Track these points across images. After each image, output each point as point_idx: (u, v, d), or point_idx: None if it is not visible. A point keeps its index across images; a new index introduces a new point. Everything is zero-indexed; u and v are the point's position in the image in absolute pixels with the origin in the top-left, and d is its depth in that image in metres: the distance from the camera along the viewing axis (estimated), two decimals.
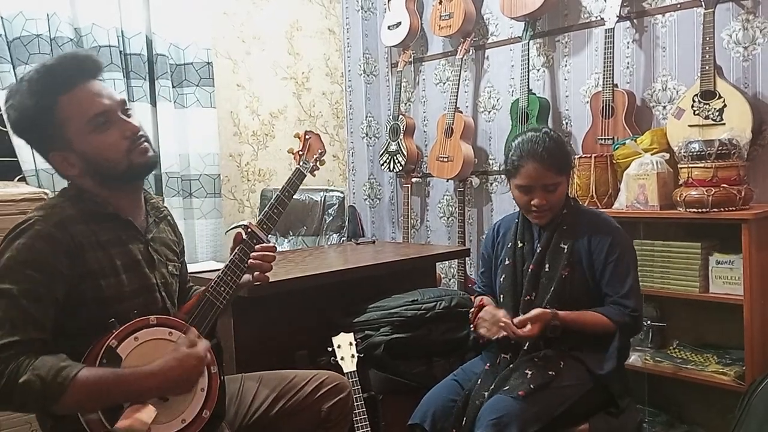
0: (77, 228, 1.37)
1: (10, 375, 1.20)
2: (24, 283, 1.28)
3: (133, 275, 1.46)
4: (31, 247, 1.31)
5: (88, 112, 1.39)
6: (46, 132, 1.39)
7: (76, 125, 1.39)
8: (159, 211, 1.63)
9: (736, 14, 2.51)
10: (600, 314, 1.88)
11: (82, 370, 1.24)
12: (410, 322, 2.32)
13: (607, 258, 1.91)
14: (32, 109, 1.37)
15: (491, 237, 2.18)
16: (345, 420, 1.82)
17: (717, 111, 2.38)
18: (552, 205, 1.95)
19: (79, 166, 1.42)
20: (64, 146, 1.41)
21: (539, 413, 1.73)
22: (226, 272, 1.55)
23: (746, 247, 2.20)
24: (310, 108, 3.86)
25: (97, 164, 1.42)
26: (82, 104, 1.39)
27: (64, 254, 1.33)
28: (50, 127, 1.39)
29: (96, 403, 1.26)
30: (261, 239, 1.62)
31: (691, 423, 2.59)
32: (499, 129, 3.36)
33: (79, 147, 1.40)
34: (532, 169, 1.91)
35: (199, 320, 1.48)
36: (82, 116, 1.39)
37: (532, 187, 1.93)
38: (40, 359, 1.23)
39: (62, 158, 1.42)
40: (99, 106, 1.41)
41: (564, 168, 1.96)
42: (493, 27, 3.37)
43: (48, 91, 1.37)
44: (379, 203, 4.08)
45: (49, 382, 1.21)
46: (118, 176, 1.44)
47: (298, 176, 1.72)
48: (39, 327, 1.28)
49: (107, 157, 1.41)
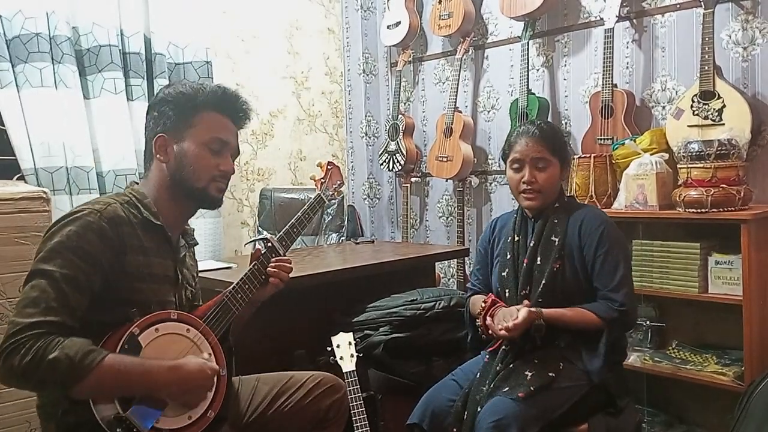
0: (125, 229, 1.43)
1: (38, 351, 1.24)
2: (67, 269, 1.33)
3: (160, 287, 1.52)
4: (81, 235, 1.36)
5: (216, 133, 1.55)
6: (179, 116, 1.52)
7: (201, 133, 1.54)
8: (191, 238, 1.71)
9: (735, 15, 2.52)
10: (586, 310, 1.86)
11: (109, 356, 1.30)
12: (409, 321, 2.32)
13: (597, 251, 1.90)
14: (186, 98, 1.53)
15: (488, 233, 2.18)
16: (342, 420, 1.84)
17: (716, 111, 2.38)
18: (542, 187, 1.96)
19: (172, 158, 1.53)
20: (176, 136, 1.53)
21: (539, 415, 1.73)
22: (244, 281, 1.63)
23: (745, 247, 2.20)
24: (309, 107, 3.86)
25: (185, 168, 1.53)
26: (218, 126, 1.56)
27: (109, 249, 1.39)
28: (185, 116, 1.53)
29: (116, 389, 1.32)
30: (280, 254, 1.71)
31: (690, 423, 2.60)
32: (499, 129, 3.36)
33: (187, 146, 1.53)
34: (524, 143, 1.99)
35: (215, 323, 1.53)
36: (210, 132, 1.55)
37: (522, 162, 1.98)
38: (69, 339, 1.28)
39: (166, 143, 1.53)
40: (225, 136, 1.57)
41: (556, 149, 1.99)
42: (493, 27, 3.37)
43: (210, 101, 1.55)
44: (378, 203, 4.08)
45: (77, 362, 1.25)
46: (188, 189, 1.55)
47: (319, 202, 1.88)
48: (71, 313, 1.32)
49: (196, 170, 1.53)
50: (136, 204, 1.50)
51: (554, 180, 1.99)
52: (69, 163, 2.74)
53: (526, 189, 1.97)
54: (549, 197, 1.99)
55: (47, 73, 2.66)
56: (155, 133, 1.53)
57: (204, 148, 1.53)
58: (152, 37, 3.01)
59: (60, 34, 2.70)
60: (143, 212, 1.49)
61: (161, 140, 1.52)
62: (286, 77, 3.75)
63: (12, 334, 1.26)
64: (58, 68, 2.71)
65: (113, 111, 2.85)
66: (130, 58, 2.93)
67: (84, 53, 2.82)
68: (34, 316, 1.28)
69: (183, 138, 1.53)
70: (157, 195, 1.54)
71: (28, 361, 1.24)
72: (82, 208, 1.41)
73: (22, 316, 1.28)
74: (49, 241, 1.36)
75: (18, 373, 1.26)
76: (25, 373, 1.25)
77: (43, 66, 2.65)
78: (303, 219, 1.79)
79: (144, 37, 2.99)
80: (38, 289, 1.30)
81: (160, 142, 1.52)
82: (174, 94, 1.54)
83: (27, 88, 2.63)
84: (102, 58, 2.81)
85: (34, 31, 2.63)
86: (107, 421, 1.30)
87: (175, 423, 1.39)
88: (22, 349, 1.24)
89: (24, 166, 2.64)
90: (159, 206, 1.53)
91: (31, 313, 1.28)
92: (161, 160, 1.53)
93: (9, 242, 2.07)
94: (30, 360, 1.24)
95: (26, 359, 1.24)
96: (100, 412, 1.30)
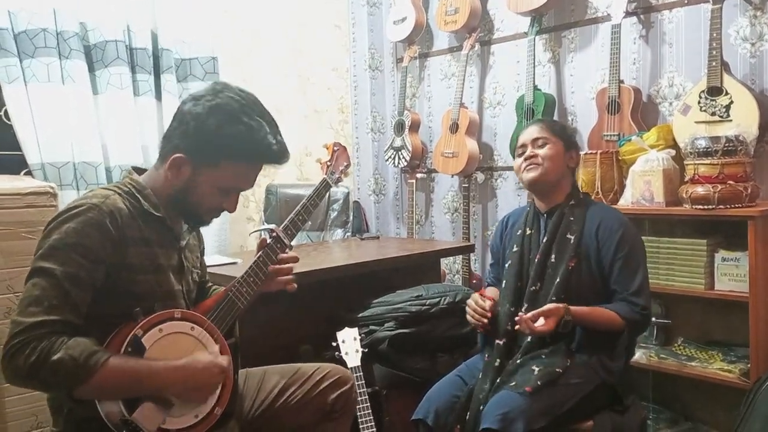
0: (126, 221, 1.41)
1: (42, 351, 1.23)
2: (68, 266, 1.31)
3: (164, 278, 1.50)
4: (81, 232, 1.34)
5: (237, 183, 1.50)
6: (208, 152, 1.43)
7: (221, 178, 1.46)
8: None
9: (743, 10, 2.50)
10: (611, 311, 1.87)
11: (113, 357, 1.28)
12: (414, 317, 2.32)
13: (616, 254, 1.90)
14: (219, 133, 1.41)
15: (500, 229, 2.19)
16: (349, 411, 1.84)
17: (723, 107, 2.37)
18: (542, 160, 1.98)
19: (182, 180, 1.46)
20: (195, 165, 1.44)
21: (545, 409, 1.73)
22: (249, 273, 1.60)
23: (752, 244, 2.19)
24: (315, 103, 3.86)
25: (189, 196, 1.47)
26: (242, 178, 1.50)
27: (110, 243, 1.37)
28: (214, 156, 1.43)
29: (120, 390, 1.30)
30: (285, 244, 1.67)
31: (696, 420, 2.59)
32: (505, 125, 3.35)
33: (201, 181, 1.45)
34: (526, 131, 2.08)
35: (220, 319, 1.52)
36: (230, 181, 1.48)
37: (525, 145, 2.03)
38: (73, 339, 1.27)
39: (181, 163, 1.44)
40: (245, 186, 1.52)
41: (558, 132, 2.04)
42: (499, 22, 3.36)
43: (249, 155, 1.46)
44: (383, 199, 4.08)
45: (82, 363, 1.24)
46: (183, 209, 1.51)
47: (325, 186, 1.82)
48: (74, 311, 1.31)
49: (200, 204, 1.49)
50: (136, 195, 1.46)
51: (556, 157, 2.00)
52: (76, 159, 2.75)
53: (526, 163, 2.00)
54: (551, 174, 1.99)
55: (54, 68, 2.67)
56: (175, 148, 1.44)
57: (216, 191, 1.48)
58: (159, 32, 3.01)
59: (68, 30, 2.71)
60: (143, 203, 1.46)
61: (179, 160, 1.44)
62: (292, 73, 3.75)
63: (16, 334, 1.25)
64: (66, 64, 2.72)
65: (119, 106, 2.86)
66: (137, 54, 2.93)
67: (91, 48, 2.82)
68: (37, 315, 1.26)
69: (201, 171, 1.45)
70: (158, 191, 1.50)
71: (33, 361, 1.23)
72: (80, 203, 1.38)
73: (25, 315, 1.27)
74: (49, 237, 1.34)
75: (23, 374, 1.25)
76: (30, 374, 1.24)
77: (50, 61, 2.65)
78: (309, 206, 1.74)
79: (151, 32, 2.99)
80: (40, 287, 1.29)
81: (177, 161, 1.44)
82: (217, 129, 1.41)
83: (34, 83, 2.64)
84: (108, 53, 2.81)
85: (41, 27, 2.63)
86: (113, 421, 1.29)
87: (181, 422, 1.37)
88: (27, 349, 1.24)
89: (31, 161, 2.66)
90: (159, 198, 1.49)
91: (35, 312, 1.27)
92: (172, 178, 1.46)
93: (16, 237, 2.08)
94: (34, 360, 1.23)
95: (31, 359, 1.23)
96: (106, 410, 1.30)
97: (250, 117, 1.44)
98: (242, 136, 1.42)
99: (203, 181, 1.46)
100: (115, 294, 1.39)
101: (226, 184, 1.48)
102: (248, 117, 1.44)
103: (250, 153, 1.46)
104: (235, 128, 1.42)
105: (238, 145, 1.42)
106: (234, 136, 1.41)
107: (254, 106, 1.47)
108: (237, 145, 1.42)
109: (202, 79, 3.14)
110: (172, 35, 3.06)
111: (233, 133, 1.41)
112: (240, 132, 1.42)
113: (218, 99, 1.44)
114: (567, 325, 1.82)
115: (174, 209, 1.51)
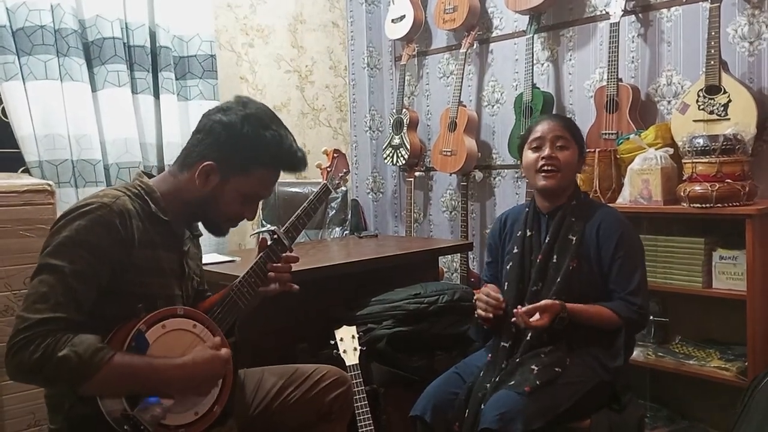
0: (134, 223, 1.42)
1: (47, 348, 1.24)
2: (76, 264, 1.32)
3: (166, 282, 1.51)
4: (90, 230, 1.35)
5: (263, 189, 1.56)
6: (241, 159, 1.48)
7: (249, 184, 1.51)
8: (195, 229, 1.70)
9: (741, 9, 2.50)
10: (607, 309, 1.88)
11: (118, 354, 1.29)
12: (413, 315, 2.32)
13: (615, 254, 1.91)
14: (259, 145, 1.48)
15: (498, 228, 2.18)
16: (347, 412, 1.85)
17: (722, 106, 2.37)
18: (562, 166, 1.95)
19: (209, 186, 1.49)
20: (225, 173, 1.48)
21: (544, 409, 1.73)
22: (250, 274, 1.62)
23: (750, 242, 2.20)
24: (313, 101, 3.85)
25: (212, 203, 1.51)
26: (268, 183, 1.55)
27: (118, 243, 1.38)
28: (246, 162, 1.49)
29: (124, 387, 1.31)
30: (285, 246, 1.69)
31: (693, 418, 2.60)
32: (503, 123, 3.35)
33: (229, 188, 1.50)
34: (545, 124, 2.01)
35: (221, 318, 1.54)
36: (257, 187, 1.53)
37: (543, 140, 1.98)
38: (78, 336, 1.27)
39: (210, 171, 1.48)
40: (268, 193, 1.59)
41: (574, 134, 2.01)
42: (498, 21, 3.36)
43: (277, 161, 1.52)
44: (382, 197, 4.08)
45: (87, 359, 1.25)
46: (203, 216, 1.56)
47: (325, 192, 1.85)
48: (80, 308, 1.32)
49: (223, 211, 1.53)
50: (145, 197, 1.48)
51: (572, 164, 1.99)
52: (74, 156, 2.75)
53: (545, 166, 1.95)
54: (565, 181, 1.98)
55: (52, 65, 2.66)
56: (203, 157, 1.47)
57: (241, 197, 1.52)
58: (157, 30, 3.01)
59: (66, 27, 2.70)
60: (151, 206, 1.48)
61: (209, 168, 1.47)
62: (290, 71, 3.75)
63: (21, 330, 1.26)
64: (64, 61, 2.71)
65: (117, 103, 2.85)
66: (135, 51, 2.93)
67: (89, 46, 2.82)
68: (43, 312, 1.27)
69: (229, 179, 1.49)
70: (171, 197, 1.51)
71: (38, 357, 1.23)
72: (91, 201, 1.39)
73: (31, 312, 1.27)
74: (58, 234, 1.35)
75: (27, 369, 1.26)
76: (34, 370, 1.25)
77: (48, 59, 2.65)
78: (309, 210, 1.77)
79: (149, 30, 2.98)
80: (47, 284, 1.30)
81: (208, 168, 1.47)
82: (252, 135, 1.47)
83: (31, 80, 2.64)
84: (106, 50, 2.81)
85: (39, 24, 2.63)
86: (114, 418, 1.30)
87: (181, 419, 1.39)
88: (32, 345, 1.24)
89: (28, 159, 2.65)
90: (167, 203, 1.50)
91: (41, 309, 1.27)
92: (199, 185, 1.48)
93: (14, 235, 2.07)
94: (39, 357, 1.24)
95: (36, 355, 1.24)
96: (108, 407, 1.30)
97: (278, 126, 1.53)
98: (275, 142, 1.50)
99: (231, 188, 1.50)
100: (120, 294, 1.40)
101: (251, 191, 1.53)
102: (276, 126, 1.52)
103: (280, 159, 1.52)
104: (270, 134, 1.49)
105: (270, 151, 1.49)
106: (268, 142, 1.49)
107: (276, 118, 1.55)
108: (270, 151, 1.49)
109: (200, 77, 3.14)
110: (171, 33, 3.05)
111: (267, 140, 1.48)
112: (274, 138, 1.50)
113: (248, 109, 1.50)
114: (562, 321, 1.82)
115: (192, 217, 1.55)
